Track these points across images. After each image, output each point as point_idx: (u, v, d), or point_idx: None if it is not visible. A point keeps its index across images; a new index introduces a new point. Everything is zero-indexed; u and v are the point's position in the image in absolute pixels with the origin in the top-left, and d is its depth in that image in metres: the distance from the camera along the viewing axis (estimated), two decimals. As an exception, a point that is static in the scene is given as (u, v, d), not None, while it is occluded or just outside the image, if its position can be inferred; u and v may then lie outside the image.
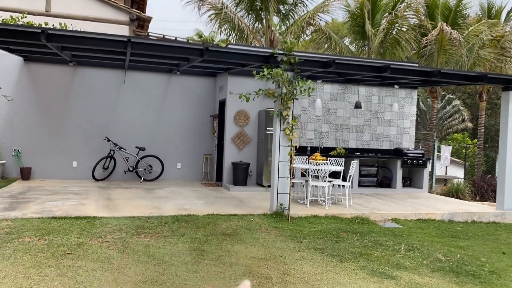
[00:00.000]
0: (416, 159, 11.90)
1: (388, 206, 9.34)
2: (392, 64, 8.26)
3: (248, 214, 7.79)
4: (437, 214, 8.89)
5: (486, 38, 15.97)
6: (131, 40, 7.05)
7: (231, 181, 11.15)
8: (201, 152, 12.51)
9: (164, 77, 12.16)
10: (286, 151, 7.87)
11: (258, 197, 9.79)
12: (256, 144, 11.40)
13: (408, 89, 12.64)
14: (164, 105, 12.17)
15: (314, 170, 8.76)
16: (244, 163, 10.89)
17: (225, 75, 11.41)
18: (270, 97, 7.73)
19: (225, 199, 9.42)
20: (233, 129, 11.21)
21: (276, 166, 7.83)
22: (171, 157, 12.23)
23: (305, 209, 8.48)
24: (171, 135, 12.23)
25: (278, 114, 7.79)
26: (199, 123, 12.45)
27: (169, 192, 10.05)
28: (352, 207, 9.01)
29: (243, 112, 11.24)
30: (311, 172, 8.81)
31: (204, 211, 7.84)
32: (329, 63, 8.02)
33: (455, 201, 11.04)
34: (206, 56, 7.47)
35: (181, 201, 8.92)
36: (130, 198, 9.01)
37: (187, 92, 12.32)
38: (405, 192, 11.86)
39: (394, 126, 12.62)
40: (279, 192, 7.84)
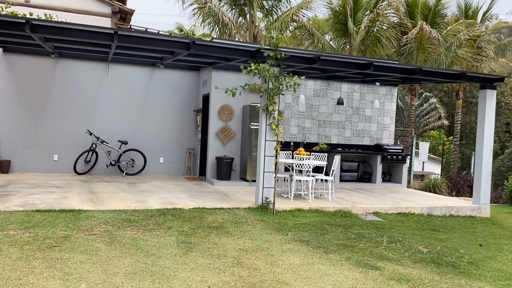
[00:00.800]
0: (395, 155, 12.15)
1: (369, 200, 9.54)
2: (375, 61, 8.43)
3: (234, 208, 7.86)
4: (416, 208, 9.13)
5: (464, 37, 16.38)
6: (118, 33, 7.01)
7: (215, 175, 11.18)
8: (184, 147, 12.49)
9: (147, 71, 12.09)
10: (271, 146, 7.95)
11: (242, 191, 9.86)
12: (240, 139, 11.46)
13: (389, 87, 12.89)
14: (147, 98, 12.10)
15: (298, 165, 8.88)
16: (228, 157, 10.95)
17: (209, 69, 11.41)
18: (256, 92, 7.80)
19: (209, 193, 9.46)
20: (217, 124, 11.25)
21: (262, 160, 7.92)
22: (154, 151, 12.18)
23: (289, 203, 8.60)
24: (154, 129, 12.18)
25: (264, 109, 7.87)
26: (182, 118, 12.43)
27: (152, 186, 10.03)
28: (334, 201, 9.17)
29: (227, 107, 11.28)
30: (295, 167, 8.93)
31: (189, 205, 7.87)
32: (315, 59, 8.13)
33: (433, 196, 11.35)
34: (192, 50, 7.48)
35: (165, 195, 8.92)
36: (114, 192, 8.97)
37: (171, 86, 12.28)
38: (385, 187, 12.12)
39: (374, 122, 12.85)
40: (265, 186, 7.93)
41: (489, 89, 9.61)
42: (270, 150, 7.94)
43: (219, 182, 10.72)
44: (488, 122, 9.66)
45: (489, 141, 9.71)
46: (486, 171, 9.75)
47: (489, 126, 9.67)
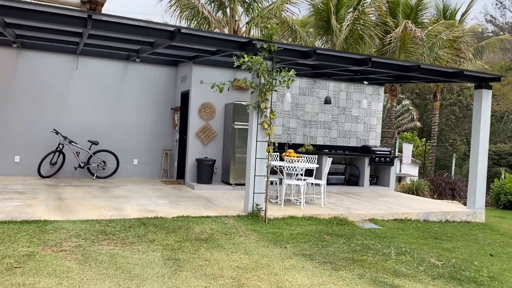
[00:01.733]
0: (383, 157, 11.67)
1: (362, 206, 8.96)
2: (373, 57, 7.84)
3: (222, 216, 7.09)
4: (412, 214, 8.61)
5: (446, 38, 16.16)
6: (92, 17, 6.12)
7: (195, 178, 10.36)
8: (161, 147, 11.60)
9: (121, 65, 11.13)
10: (263, 147, 7.23)
11: (227, 196, 9.09)
12: (222, 139, 10.68)
13: (376, 86, 12.41)
14: (120, 95, 11.15)
15: (289, 168, 8.19)
16: (209, 159, 10.15)
17: (189, 64, 10.58)
18: (248, 87, 7.05)
19: (191, 198, 8.64)
20: (197, 123, 10.43)
21: (252, 163, 7.18)
22: (127, 152, 11.24)
23: (279, 209, 7.90)
24: (128, 129, 11.23)
25: (255, 106, 7.14)
26: (158, 116, 11.54)
27: (127, 191, 9.12)
28: (327, 206, 8.54)
29: (208, 105, 10.48)
30: (285, 170, 8.23)
31: (171, 213, 7.04)
32: (310, 53, 7.47)
33: (423, 199, 10.90)
34: (176, 40, 6.67)
35: (143, 201, 8.05)
36: (84, 198, 8.02)
37: (146, 82, 11.37)
38: (373, 190, 11.61)
39: (361, 123, 12.34)
40: (256, 191, 7.19)
41: (485, 88, 9.22)
42: (262, 152, 7.22)
43: (200, 186, 9.90)
44: (483, 123, 9.26)
45: (485, 143, 9.31)
46: (482, 174, 9.36)
47: (484, 127, 9.27)
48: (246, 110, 10.16)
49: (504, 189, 13.12)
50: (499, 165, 21.79)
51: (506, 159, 22.10)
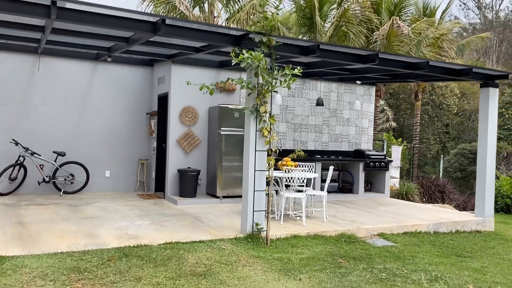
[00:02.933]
0: (378, 162, 10.90)
1: (366, 218, 8.12)
2: (380, 53, 7.00)
3: (217, 240, 6.05)
4: (422, 226, 7.83)
5: (433, 35, 15.64)
6: (57, 4, 4.99)
7: (176, 192, 9.26)
8: (136, 157, 10.43)
9: (89, 65, 9.91)
10: (263, 158, 6.25)
11: (216, 212, 8.05)
12: (206, 146, 9.62)
13: (367, 86, 11.64)
14: (88, 99, 9.92)
15: (288, 179, 7.24)
16: (193, 170, 9.07)
17: (167, 63, 9.48)
18: (244, 87, 6.06)
19: (176, 217, 7.56)
20: (178, 129, 9.34)
21: (251, 176, 6.18)
22: (98, 163, 10.02)
23: (279, 227, 6.93)
24: (98, 137, 10.02)
25: (253, 110, 6.15)
26: (133, 122, 10.37)
27: (100, 210, 7.94)
28: (329, 220, 7.64)
29: (190, 109, 9.40)
30: (284, 181, 7.29)
31: (157, 238, 5.96)
32: (312, 49, 6.55)
33: (427, 207, 10.16)
34: (161, 33, 5.61)
35: (121, 222, 6.91)
36: (51, 221, 6.82)
37: (118, 84, 10.18)
38: (368, 197, 10.82)
39: (353, 125, 11.54)
40: (255, 209, 6.20)
41: (492, 87, 8.56)
42: (261, 163, 6.24)
43: (184, 200, 8.82)
44: (491, 123, 8.61)
45: (493, 145, 8.67)
46: (490, 179, 8.69)
47: (492, 127, 8.63)
48: (233, 114, 9.19)
49: (500, 192, 12.60)
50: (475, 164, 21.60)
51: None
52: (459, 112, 31.48)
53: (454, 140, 30.06)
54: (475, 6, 38.55)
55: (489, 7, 37.98)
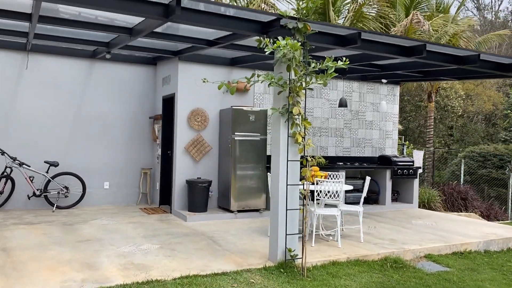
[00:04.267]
0: (406, 169, 9.86)
1: (405, 235, 7.06)
2: (428, 43, 5.95)
3: (243, 271, 4.97)
4: (471, 244, 6.78)
5: (452, 32, 14.65)
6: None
7: (185, 205, 8.18)
8: (138, 166, 9.35)
9: (85, 64, 8.84)
10: (296, 169, 5.19)
11: (233, 231, 6.97)
12: (217, 154, 8.55)
13: (391, 85, 10.61)
14: (84, 102, 8.84)
15: (322, 193, 6.17)
16: (204, 180, 8.00)
17: (173, 61, 8.43)
18: (274, 84, 5.00)
19: (187, 237, 6.47)
20: (186, 134, 8.27)
21: (282, 191, 5.11)
22: (96, 173, 8.93)
23: (311, 250, 5.86)
24: (95, 144, 8.93)
25: (283, 112, 5.09)
26: (134, 127, 9.29)
27: (100, 229, 6.84)
28: (366, 240, 6.58)
29: (200, 111, 8.33)
30: (316, 196, 6.22)
31: (170, 269, 4.88)
32: (352, 38, 5.50)
33: (466, 220, 9.09)
34: (174, 17, 4.55)
35: (124, 246, 5.82)
36: (41, 246, 5.72)
37: (117, 85, 9.11)
38: (396, 208, 9.77)
39: (376, 129, 10.49)
40: (288, 232, 5.12)
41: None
42: (295, 175, 5.17)
43: (194, 216, 7.74)
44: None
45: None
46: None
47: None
48: (248, 117, 8.13)
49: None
50: (485, 167, 20.66)
51: (491, 160, 20.99)
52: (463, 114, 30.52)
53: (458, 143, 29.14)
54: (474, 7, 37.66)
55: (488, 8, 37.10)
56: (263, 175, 8.23)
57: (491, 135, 29.88)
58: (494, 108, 26.83)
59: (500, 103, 26.77)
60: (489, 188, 18.53)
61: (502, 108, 26.90)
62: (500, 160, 19.26)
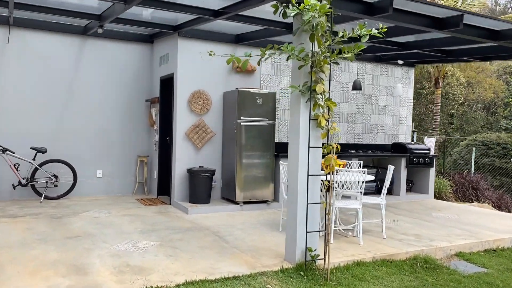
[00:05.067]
0: (422, 157, 9.19)
1: (429, 230, 6.41)
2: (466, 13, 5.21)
3: (257, 274, 4.27)
4: (504, 241, 6.13)
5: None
6: None
7: (186, 196, 7.49)
8: (134, 153, 8.62)
9: (75, 41, 8.04)
10: (318, 156, 4.49)
11: (240, 225, 6.28)
12: (220, 140, 7.84)
13: (405, 68, 9.89)
14: (74, 83, 8.07)
15: (343, 183, 5.49)
16: (207, 169, 7.29)
17: (172, 38, 7.66)
18: (294, 57, 4.27)
19: (190, 232, 5.78)
20: (187, 119, 7.54)
21: (302, 183, 4.41)
22: (88, 161, 8.20)
23: (331, 248, 5.15)
24: (87, 129, 8.19)
25: (304, 91, 4.36)
26: (129, 111, 8.54)
27: (91, 223, 6.13)
28: (390, 236, 5.91)
29: (201, 94, 7.59)
30: (335, 187, 5.53)
31: (173, 272, 4.18)
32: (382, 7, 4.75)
33: (488, 212, 8.45)
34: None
35: (119, 244, 5.12)
36: (24, 245, 5.01)
37: (110, 65, 8.33)
38: (411, 199, 9.12)
39: (390, 114, 9.79)
40: (309, 229, 4.43)
41: None
42: (316, 164, 4.47)
43: (195, 208, 7.04)
44: None
45: None
46: None
47: None
48: (256, 101, 7.40)
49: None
50: (488, 156, 20.11)
51: (494, 149, 20.45)
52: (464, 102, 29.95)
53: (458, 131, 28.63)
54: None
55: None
56: (271, 164, 7.54)
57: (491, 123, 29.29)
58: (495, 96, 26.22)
59: (501, 91, 26.16)
60: (492, 177, 17.96)
61: (503, 96, 26.30)
62: (504, 148, 18.68)
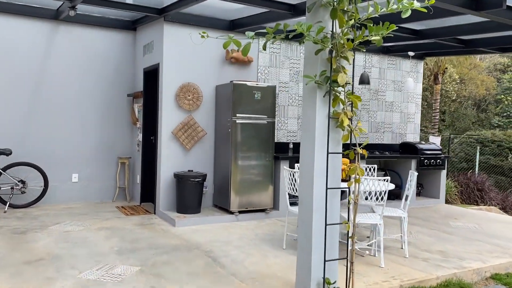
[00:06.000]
0: (433, 158, 8.37)
1: (454, 245, 5.58)
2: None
3: (264, 315, 3.37)
4: (540, 257, 5.32)
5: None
6: None
7: (172, 204, 6.55)
8: (114, 154, 7.64)
9: (46, 27, 7.03)
10: (338, 164, 3.58)
11: (236, 241, 5.36)
12: (212, 140, 6.90)
13: (414, 61, 9.04)
14: (45, 75, 7.06)
15: (366, 195, 4.61)
16: (197, 174, 6.36)
17: (157, 23, 6.70)
18: (309, 38, 3.35)
19: (178, 253, 4.84)
20: (174, 116, 6.59)
21: (320, 197, 3.50)
22: (62, 163, 7.21)
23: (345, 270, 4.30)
24: (60, 127, 7.19)
25: (321, 82, 3.45)
26: (108, 106, 7.56)
27: (60, 240, 5.16)
28: (413, 255, 5.05)
29: (191, 87, 6.64)
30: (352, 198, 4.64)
31: (155, 315, 3.26)
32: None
33: (509, 220, 7.65)
34: None
35: (90, 270, 4.17)
36: (-31, 272, 4.03)
37: (87, 54, 7.34)
38: (422, 205, 8.30)
39: (397, 111, 8.95)
40: (328, 256, 3.52)
41: None
42: (335, 174, 3.57)
43: (184, 219, 6.10)
44: None
45: None
46: None
47: None
48: (253, 95, 6.48)
49: None
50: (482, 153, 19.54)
51: (489, 146, 19.88)
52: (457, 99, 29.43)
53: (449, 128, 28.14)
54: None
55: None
56: (270, 167, 6.64)
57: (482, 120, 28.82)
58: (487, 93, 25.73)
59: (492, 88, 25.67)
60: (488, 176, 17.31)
61: (495, 93, 25.83)
62: (499, 146, 18.08)
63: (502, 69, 27.69)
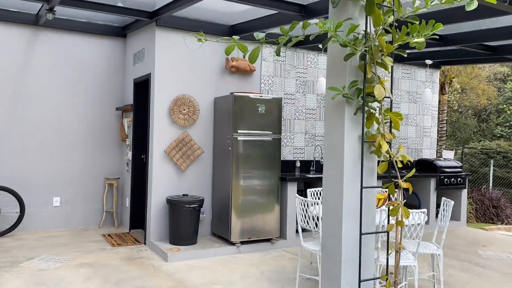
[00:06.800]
0: (454, 177, 7.61)
1: (494, 284, 4.79)
2: None
3: None
4: None
5: None
6: None
7: (164, 233, 5.75)
8: (100, 175, 6.84)
9: (25, 33, 6.27)
10: (372, 200, 2.81)
11: (240, 281, 4.55)
12: (211, 160, 6.11)
13: (429, 70, 8.33)
14: (23, 87, 6.29)
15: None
16: (193, 199, 5.56)
17: (148, 29, 5.95)
18: (337, 40, 2.59)
19: (169, 298, 4.03)
20: (168, 132, 5.80)
21: (349, 246, 2.72)
22: (40, 186, 6.40)
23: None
24: (40, 145, 6.40)
25: (352, 95, 2.69)
26: (94, 122, 6.77)
27: (30, 283, 4.34)
28: (449, 299, 4.27)
29: (186, 100, 5.87)
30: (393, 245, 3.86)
31: None
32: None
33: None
34: None
35: (60, 328, 3.35)
36: None
37: (71, 64, 6.57)
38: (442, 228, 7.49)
39: (412, 124, 8.20)
40: (363, 322, 2.73)
41: None
42: (370, 214, 2.79)
43: (177, 253, 5.29)
44: None
45: None
46: None
47: None
48: (256, 109, 5.71)
49: None
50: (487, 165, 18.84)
51: (494, 158, 19.21)
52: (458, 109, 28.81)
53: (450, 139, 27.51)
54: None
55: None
56: (276, 189, 5.86)
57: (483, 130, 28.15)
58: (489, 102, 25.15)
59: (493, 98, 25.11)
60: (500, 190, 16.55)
61: (496, 102, 25.25)
62: (504, 157, 17.40)
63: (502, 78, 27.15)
